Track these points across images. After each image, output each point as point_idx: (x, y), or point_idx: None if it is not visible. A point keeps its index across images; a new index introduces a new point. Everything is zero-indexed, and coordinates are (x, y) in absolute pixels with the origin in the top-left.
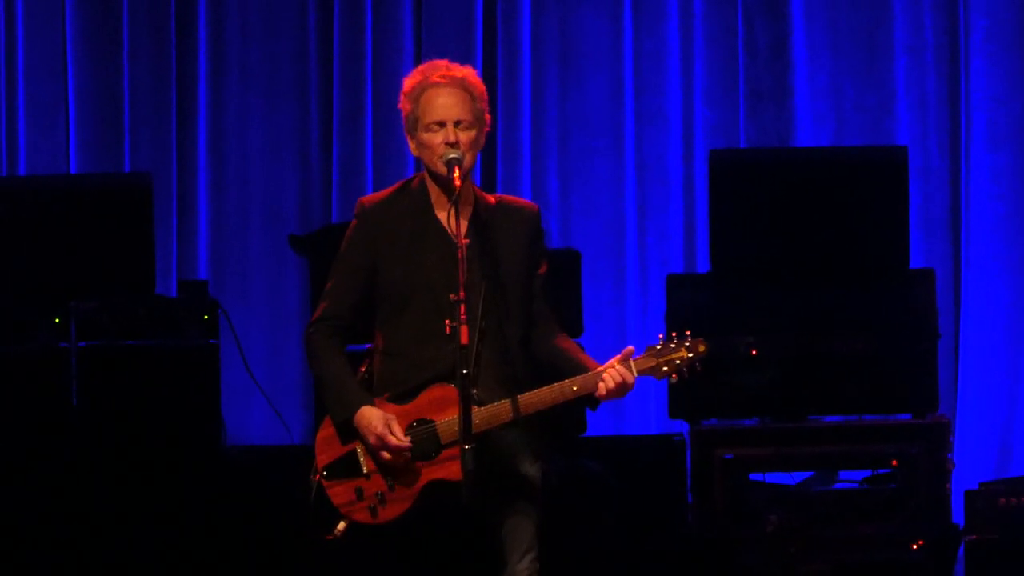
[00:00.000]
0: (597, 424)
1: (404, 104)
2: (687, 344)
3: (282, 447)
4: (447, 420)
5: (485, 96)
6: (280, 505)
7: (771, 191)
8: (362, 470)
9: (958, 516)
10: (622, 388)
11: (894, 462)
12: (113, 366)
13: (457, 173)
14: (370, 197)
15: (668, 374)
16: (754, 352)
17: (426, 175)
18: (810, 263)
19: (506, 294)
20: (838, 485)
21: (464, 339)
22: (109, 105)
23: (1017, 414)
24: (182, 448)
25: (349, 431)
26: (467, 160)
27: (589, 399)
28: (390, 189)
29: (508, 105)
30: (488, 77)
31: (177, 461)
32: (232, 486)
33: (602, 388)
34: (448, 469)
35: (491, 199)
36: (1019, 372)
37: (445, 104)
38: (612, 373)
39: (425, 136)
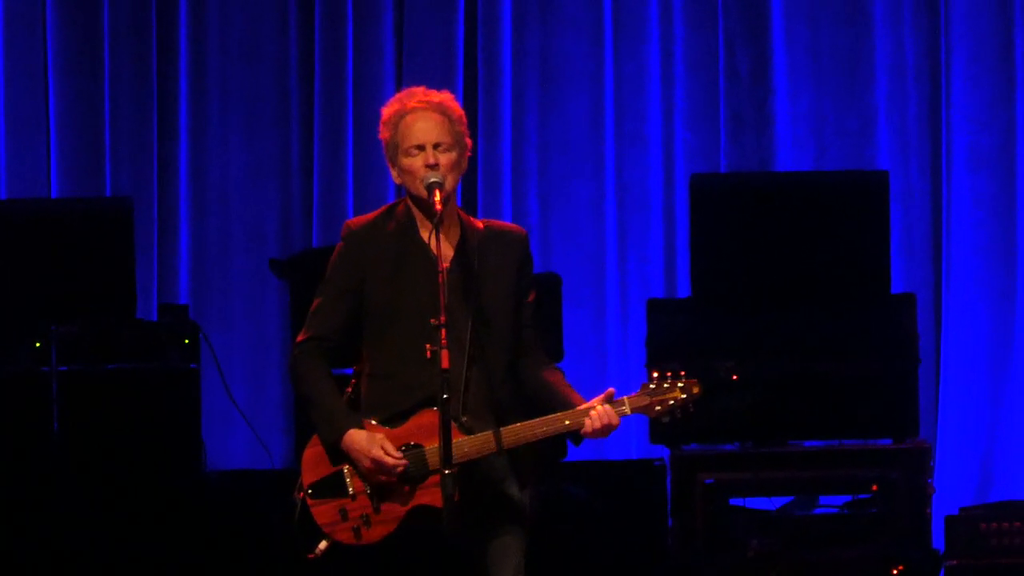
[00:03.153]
0: (578, 449)
1: (383, 132)
2: (681, 385)
3: (263, 471)
4: (436, 446)
5: (464, 120)
6: (261, 529)
7: (752, 216)
8: (348, 491)
9: (938, 541)
10: (607, 429)
11: (874, 487)
12: (94, 390)
13: (438, 196)
14: (357, 219)
15: (661, 414)
16: (735, 377)
17: (409, 200)
18: (791, 288)
19: (493, 319)
20: (818, 510)
21: (445, 363)
22: (90, 128)
23: (997, 439)
24: (163, 472)
25: (337, 452)
26: (448, 183)
27: (574, 434)
28: (377, 212)
29: (488, 128)
30: (469, 100)
31: (158, 485)
32: (213, 510)
33: (588, 426)
34: (434, 495)
35: (479, 224)
36: (1000, 397)
37: (423, 128)
38: (599, 413)
39: (406, 161)
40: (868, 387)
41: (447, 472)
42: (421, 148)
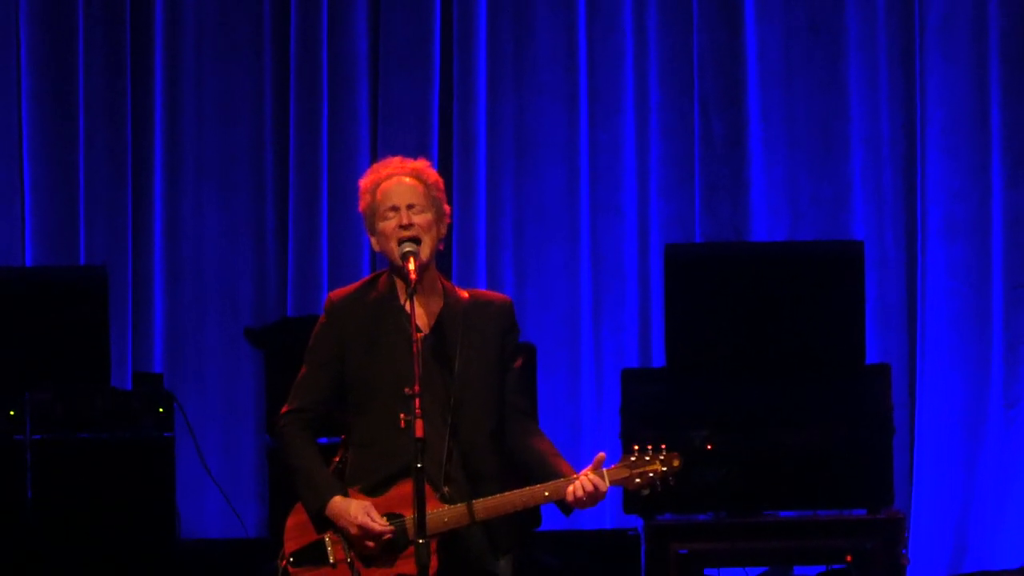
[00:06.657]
0: (551, 518)
1: (362, 202)
2: (661, 458)
3: (236, 540)
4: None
5: (441, 185)
6: None
7: (727, 285)
8: (329, 559)
9: None
10: (593, 497)
11: (848, 557)
12: (68, 459)
13: (412, 265)
14: (338, 292)
15: (641, 487)
16: (709, 447)
17: (390, 269)
18: (765, 358)
19: (476, 388)
20: None
21: (419, 432)
22: (64, 195)
23: (971, 509)
24: (137, 541)
25: (321, 520)
26: (425, 246)
27: (562, 504)
28: (358, 283)
29: (464, 196)
30: (444, 167)
31: (132, 554)
32: None
33: (571, 495)
34: (413, 564)
35: (463, 293)
36: (974, 466)
37: (397, 190)
38: (584, 482)
39: (381, 225)
40: (843, 457)
41: (420, 542)
42: (395, 209)
